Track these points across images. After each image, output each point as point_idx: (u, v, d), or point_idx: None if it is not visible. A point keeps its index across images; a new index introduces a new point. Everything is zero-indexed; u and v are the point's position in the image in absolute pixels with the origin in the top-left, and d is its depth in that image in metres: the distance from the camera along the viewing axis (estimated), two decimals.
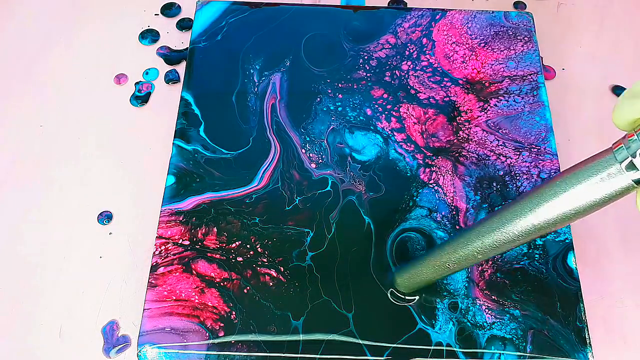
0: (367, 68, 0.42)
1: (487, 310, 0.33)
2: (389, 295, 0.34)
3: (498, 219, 0.26)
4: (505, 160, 0.38)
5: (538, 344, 0.32)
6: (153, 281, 0.34)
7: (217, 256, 0.35)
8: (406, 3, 0.50)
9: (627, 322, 0.36)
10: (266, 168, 0.37)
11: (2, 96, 0.44)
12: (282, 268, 0.34)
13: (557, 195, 0.24)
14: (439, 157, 0.38)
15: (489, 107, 0.40)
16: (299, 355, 0.32)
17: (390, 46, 0.43)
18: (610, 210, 0.40)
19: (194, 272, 0.34)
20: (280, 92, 0.41)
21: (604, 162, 0.22)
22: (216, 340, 0.32)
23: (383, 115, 0.40)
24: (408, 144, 0.39)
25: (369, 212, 0.36)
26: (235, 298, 0.33)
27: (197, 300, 0.33)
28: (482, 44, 0.43)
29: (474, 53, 0.42)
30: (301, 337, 0.32)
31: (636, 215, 0.40)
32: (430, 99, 0.40)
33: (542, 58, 0.45)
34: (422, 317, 0.33)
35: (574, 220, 0.24)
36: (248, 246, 0.35)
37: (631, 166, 0.21)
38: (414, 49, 0.43)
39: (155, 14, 0.48)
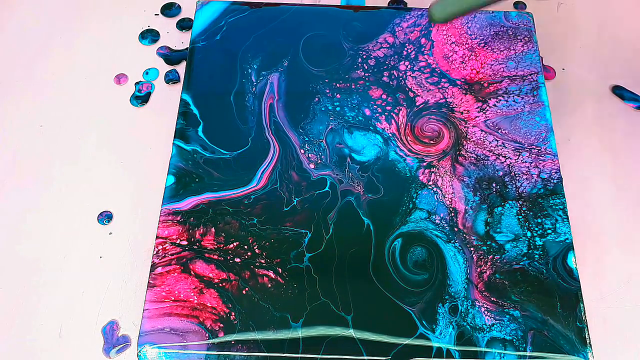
0: (365, 67, 0.42)
1: (486, 312, 0.33)
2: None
3: None
4: (505, 161, 0.38)
5: (538, 345, 0.32)
6: (152, 281, 0.34)
7: (215, 257, 0.35)
8: (406, 3, 0.50)
9: (627, 322, 0.36)
10: (265, 168, 0.37)
11: (2, 96, 0.44)
12: (280, 269, 0.34)
13: None
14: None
15: (488, 108, 0.40)
16: (299, 355, 0.32)
17: (388, 45, 0.43)
18: (611, 210, 0.40)
19: (192, 272, 0.34)
20: (278, 92, 0.41)
21: None
22: (216, 340, 0.32)
23: (383, 116, 0.40)
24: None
25: (368, 213, 0.36)
26: (234, 299, 0.33)
27: (196, 301, 0.33)
28: (482, 44, 0.43)
29: (473, 53, 0.42)
30: (300, 333, 0.32)
31: (637, 215, 0.40)
32: (429, 100, 0.40)
33: (542, 58, 0.44)
34: (423, 322, 0.33)
35: None
36: (246, 247, 0.35)
37: None
38: (412, 49, 0.42)
39: (155, 14, 0.48)
